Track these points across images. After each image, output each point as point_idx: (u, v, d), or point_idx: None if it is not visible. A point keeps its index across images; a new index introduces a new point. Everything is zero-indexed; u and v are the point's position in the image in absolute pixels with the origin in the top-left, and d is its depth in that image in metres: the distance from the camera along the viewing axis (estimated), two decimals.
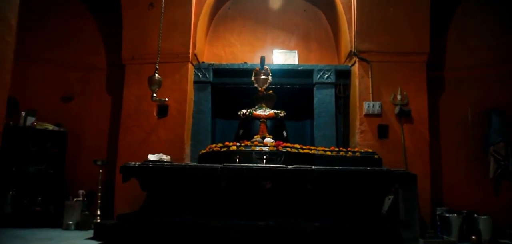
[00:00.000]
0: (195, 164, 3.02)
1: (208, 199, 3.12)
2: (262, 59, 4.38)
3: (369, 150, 4.11)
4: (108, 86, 5.56)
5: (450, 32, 5.31)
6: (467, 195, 4.88)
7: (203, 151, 3.98)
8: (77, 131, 5.37)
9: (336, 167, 2.99)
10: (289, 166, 2.94)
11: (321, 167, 2.98)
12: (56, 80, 5.40)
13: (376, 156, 3.96)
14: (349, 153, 3.88)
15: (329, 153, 3.84)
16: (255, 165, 3.01)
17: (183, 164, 3.10)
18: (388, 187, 3.23)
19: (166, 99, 3.91)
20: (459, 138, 5.10)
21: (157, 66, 3.77)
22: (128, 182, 3.49)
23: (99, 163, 4.68)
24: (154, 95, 3.64)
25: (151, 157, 3.49)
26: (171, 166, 3.06)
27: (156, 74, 3.66)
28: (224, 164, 2.98)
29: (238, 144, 3.70)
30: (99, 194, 4.64)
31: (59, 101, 5.41)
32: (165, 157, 3.56)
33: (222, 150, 3.67)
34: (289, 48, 5.57)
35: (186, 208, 3.15)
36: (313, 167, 2.95)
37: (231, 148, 3.61)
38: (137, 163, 3.15)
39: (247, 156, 3.51)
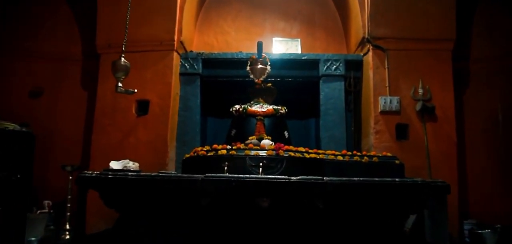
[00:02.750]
0: (169, 173, 2.33)
1: (188, 220, 2.42)
2: (259, 45, 3.68)
3: (388, 154, 3.40)
4: (84, 79, 4.84)
5: (476, 16, 4.60)
6: (498, 205, 4.18)
7: (187, 156, 3.29)
8: (48, 131, 4.64)
9: (355, 179, 2.27)
10: (294, 178, 2.22)
11: (335, 178, 2.26)
12: (23, 72, 4.67)
13: (397, 162, 3.26)
14: (365, 158, 3.18)
15: (340, 158, 3.14)
16: (248, 176, 2.29)
17: (152, 174, 2.39)
18: (421, 202, 2.52)
19: (135, 90, 3.21)
20: (488, 139, 4.39)
21: (123, 48, 3.07)
22: None
23: (68, 168, 4.00)
24: (119, 84, 2.94)
25: (114, 164, 2.78)
26: (136, 177, 2.35)
27: (123, 59, 2.96)
28: (206, 175, 2.27)
29: (228, 147, 3.00)
30: (69, 205, 3.97)
31: (26, 97, 4.68)
32: (132, 165, 2.84)
33: (208, 154, 2.97)
34: (290, 36, 4.87)
35: (160, 231, 2.45)
36: (325, 178, 2.24)
37: (219, 152, 2.90)
38: (95, 172, 2.45)
39: (239, 162, 2.80)
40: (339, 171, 3.04)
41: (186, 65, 4.33)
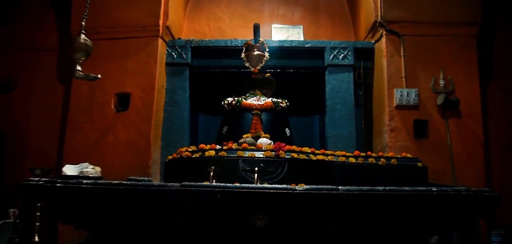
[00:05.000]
0: (135, 181, 1.83)
1: (162, 240, 1.90)
2: (256, 28, 3.17)
3: (408, 155, 2.89)
4: (60, 71, 4.32)
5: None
6: None
7: (170, 158, 2.77)
8: (20, 130, 4.15)
9: (380, 188, 1.74)
10: (299, 188, 1.70)
11: (353, 188, 1.72)
12: None
13: (419, 164, 2.76)
14: (382, 160, 2.67)
15: (353, 160, 2.63)
16: (239, 185, 1.76)
17: (113, 182, 1.85)
18: (463, 217, 1.97)
19: (99, 76, 2.69)
20: None
21: (83, 22, 2.54)
22: None
23: (38, 172, 3.47)
24: (78, 68, 2.41)
25: (68, 169, 2.25)
26: (93, 186, 1.81)
27: (83, 36, 2.43)
28: (183, 183, 1.74)
29: (218, 147, 2.48)
30: (38, 214, 3.44)
31: None
32: (91, 170, 2.31)
33: (193, 156, 2.46)
34: (292, 22, 4.36)
35: None
36: (340, 188, 1.71)
37: (206, 154, 2.39)
38: (42, 180, 1.94)
39: (230, 166, 2.29)
40: (351, 175, 2.54)
41: (173, 54, 3.81)
